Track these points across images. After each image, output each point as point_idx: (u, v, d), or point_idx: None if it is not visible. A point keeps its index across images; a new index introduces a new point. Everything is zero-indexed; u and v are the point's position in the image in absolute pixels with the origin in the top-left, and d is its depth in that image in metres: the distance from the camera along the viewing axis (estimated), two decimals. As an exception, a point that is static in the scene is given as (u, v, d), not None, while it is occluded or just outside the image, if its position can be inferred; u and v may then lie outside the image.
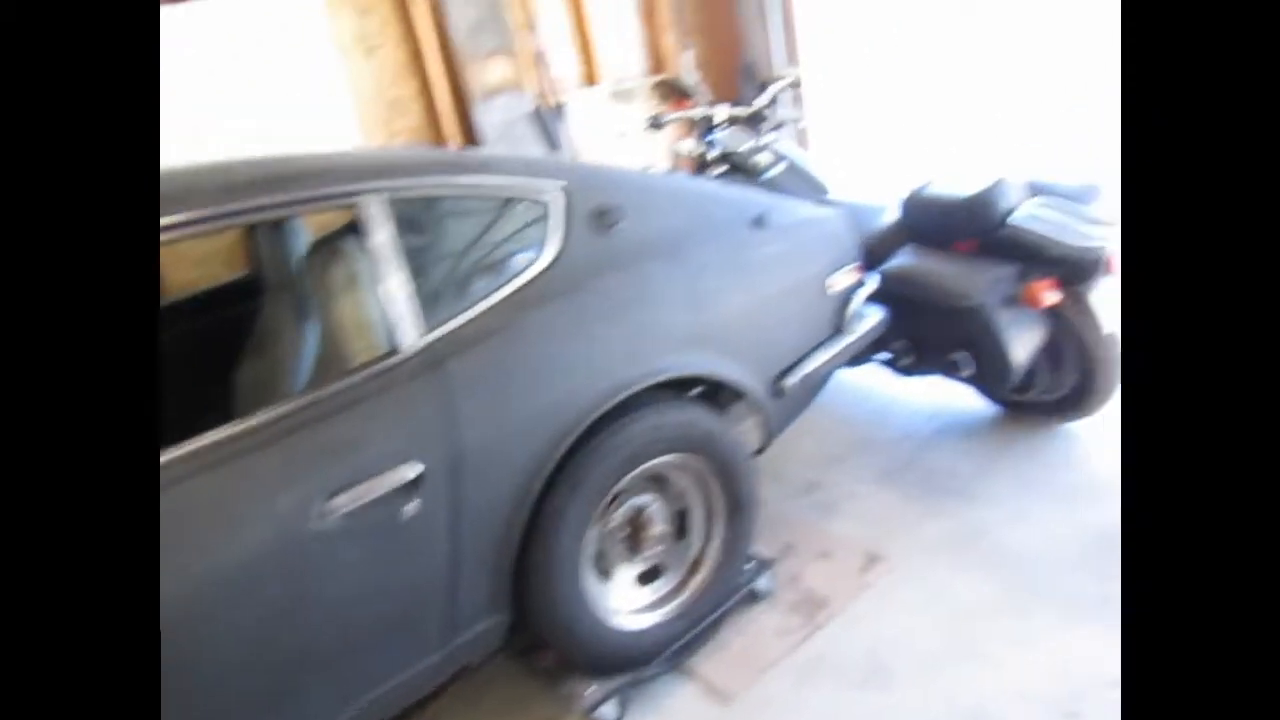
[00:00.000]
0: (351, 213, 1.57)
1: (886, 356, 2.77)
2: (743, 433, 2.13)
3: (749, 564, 2.16)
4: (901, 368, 2.73)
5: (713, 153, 3.07)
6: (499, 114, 3.60)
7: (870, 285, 2.37)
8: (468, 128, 3.58)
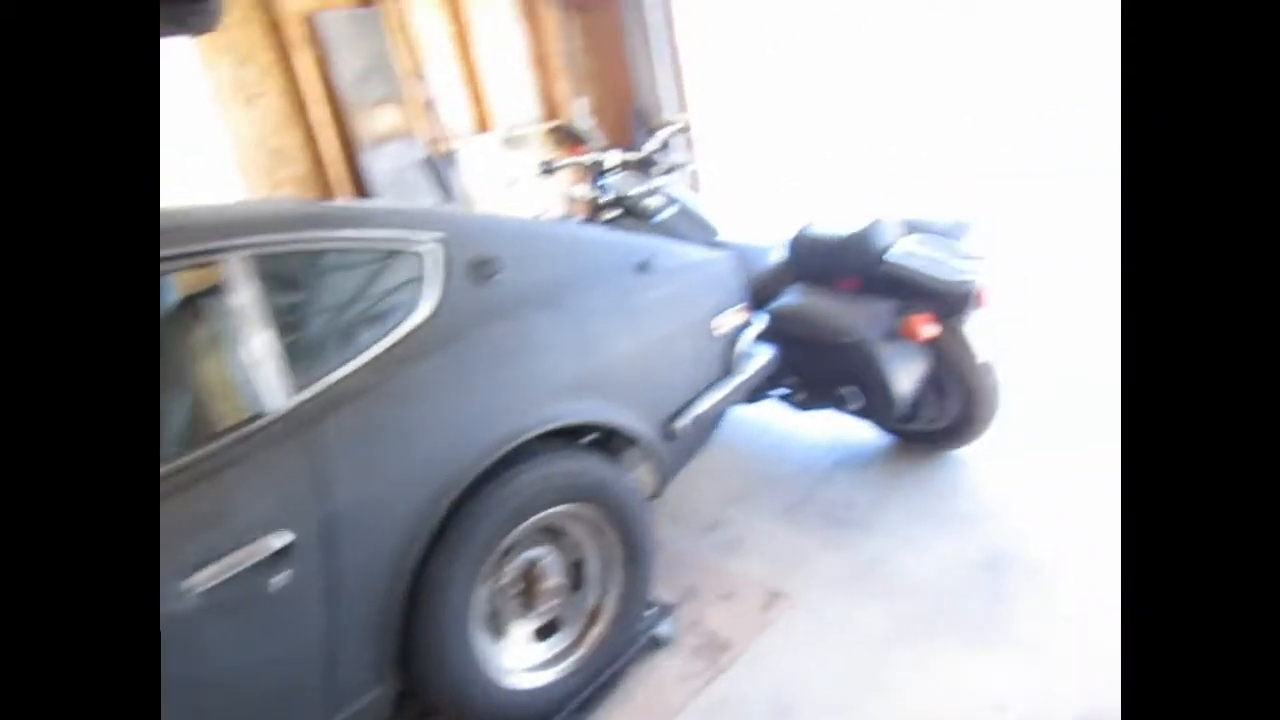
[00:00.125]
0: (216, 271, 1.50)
1: (783, 392, 2.82)
2: (637, 478, 2.12)
3: (649, 611, 2.13)
4: (796, 403, 2.79)
5: (605, 197, 3.10)
6: (389, 162, 3.55)
7: (758, 325, 2.41)
8: (356, 176, 3.51)
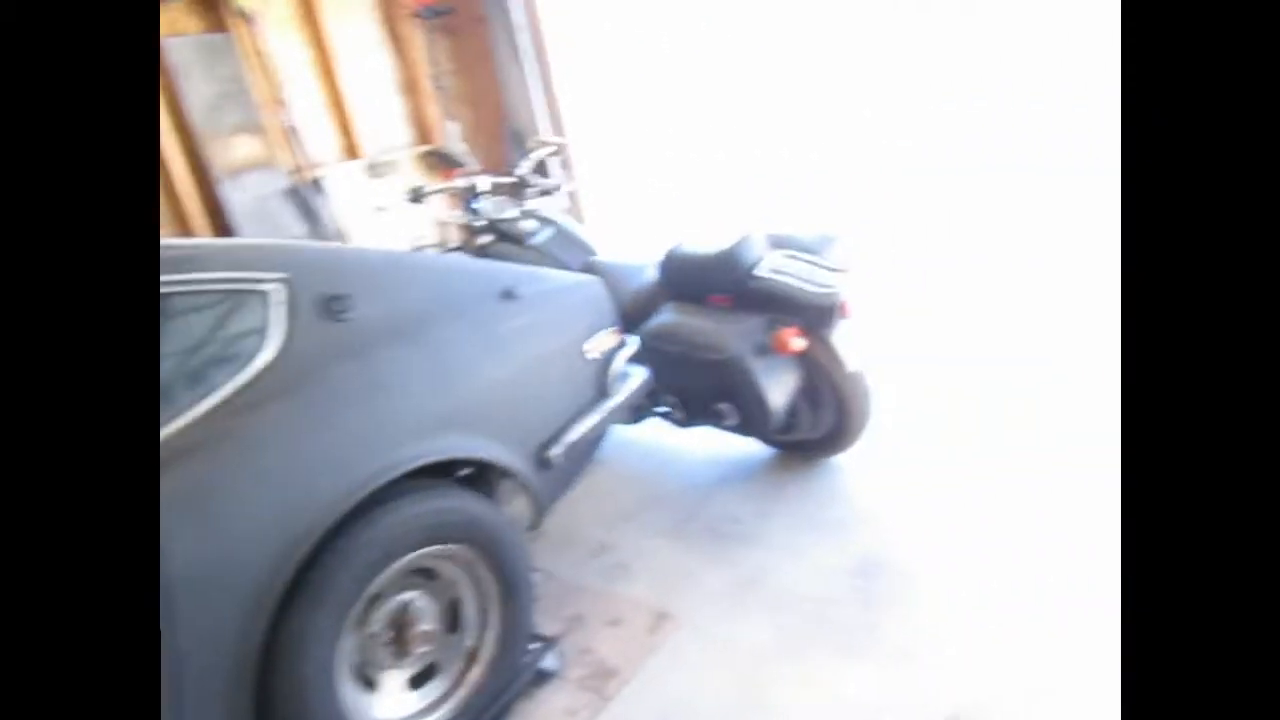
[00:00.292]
0: None
1: (665, 410, 2.83)
2: (513, 510, 2.08)
3: (532, 645, 2.08)
4: (677, 421, 2.80)
5: (478, 222, 3.05)
6: (250, 193, 3.39)
7: (631, 346, 2.41)
8: (214, 208, 3.34)
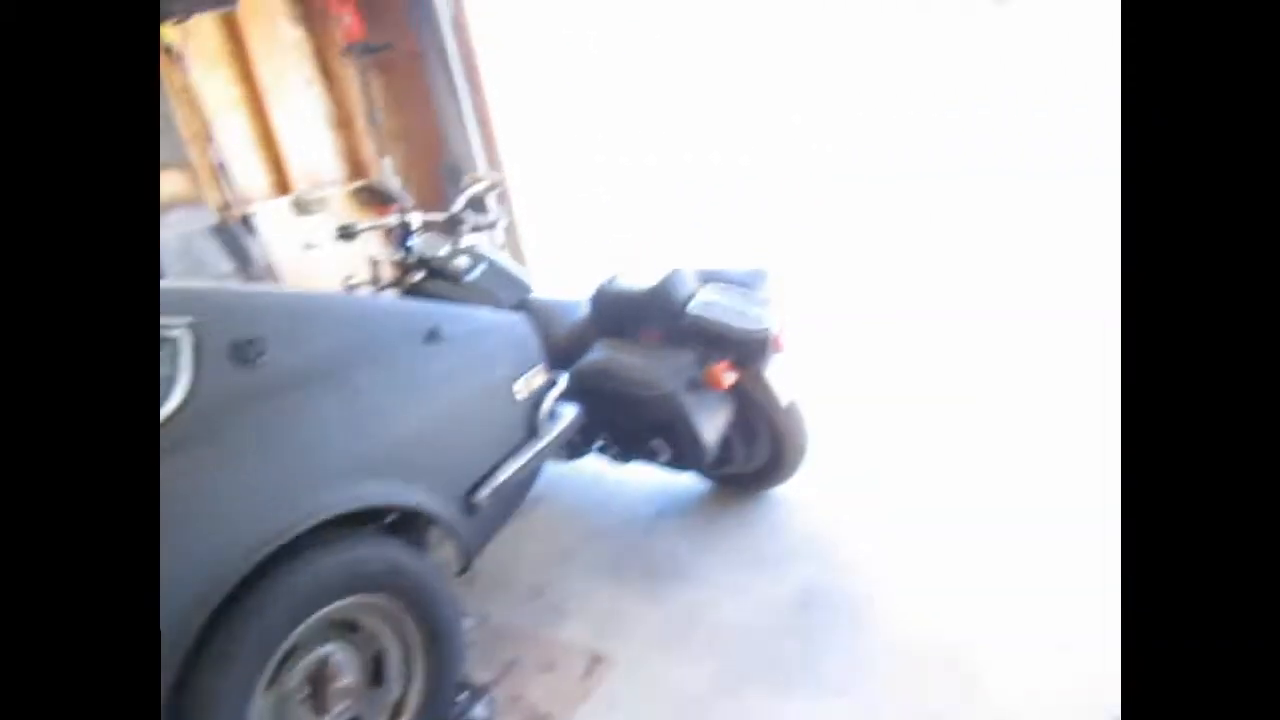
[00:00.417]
0: None
1: (601, 445, 2.80)
2: (441, 556, 2.03)
3: (461, 695, 2.02)
4: (613, 456, 2.78)
5: (409, 259, 3.01)
6: (175, 230, 3.30)
7: (561, 384, 2.38)
8: (136, 247, 3.24)
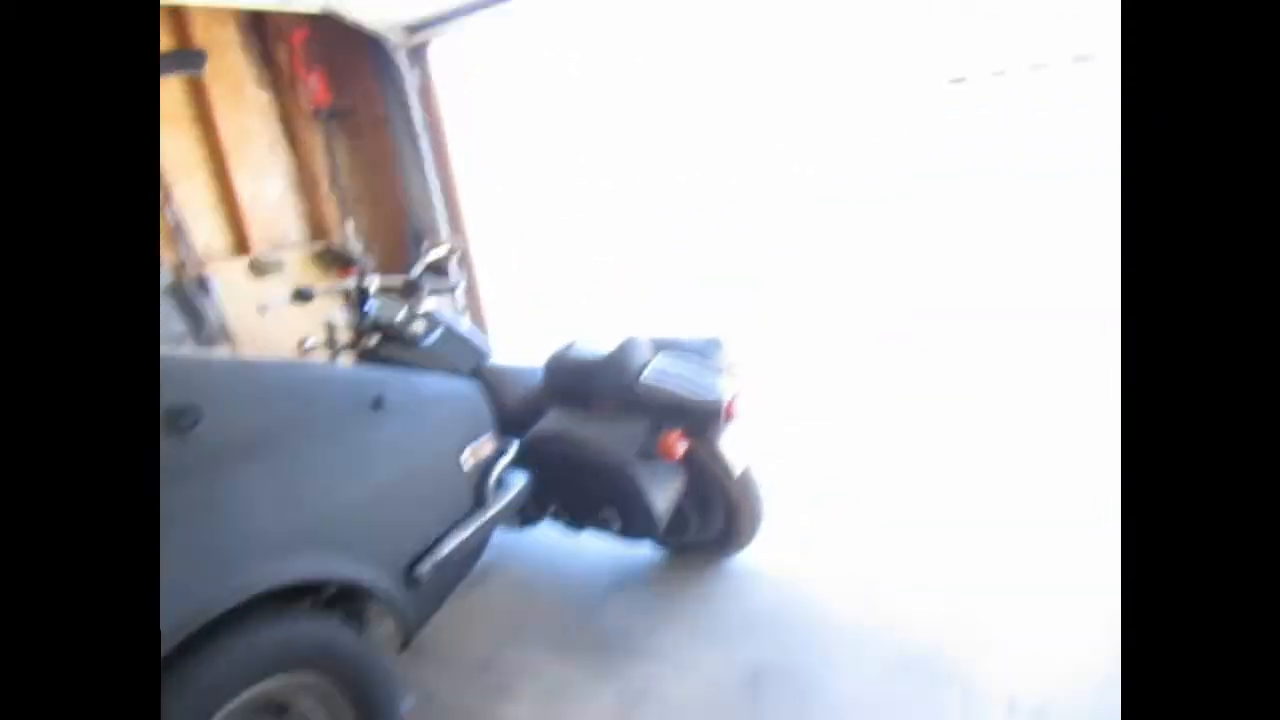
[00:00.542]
0: None
1: (553, 514, 2.76)
2: (381, 632, 1.96)
3: (398, 781, 1.92)
4: (566, 525, 2.73)
5: (365, 323, 2.99)
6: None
7: (511, 453, 2.35)
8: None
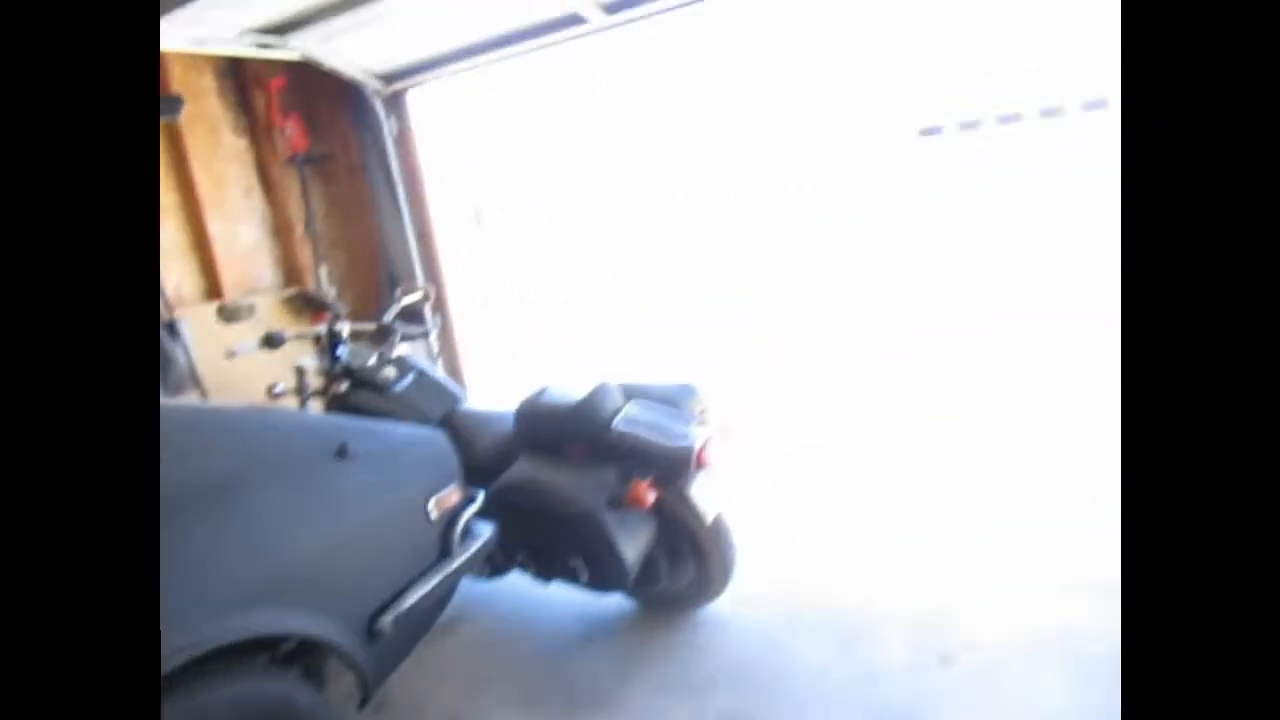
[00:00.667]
0: None
1: (521, 563, 2.72)
2: (343, 687, 1.91)
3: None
4: (535, 575, 2.69)
5: (335, 369, 2.98)
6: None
7: (478, 502, 2.32)
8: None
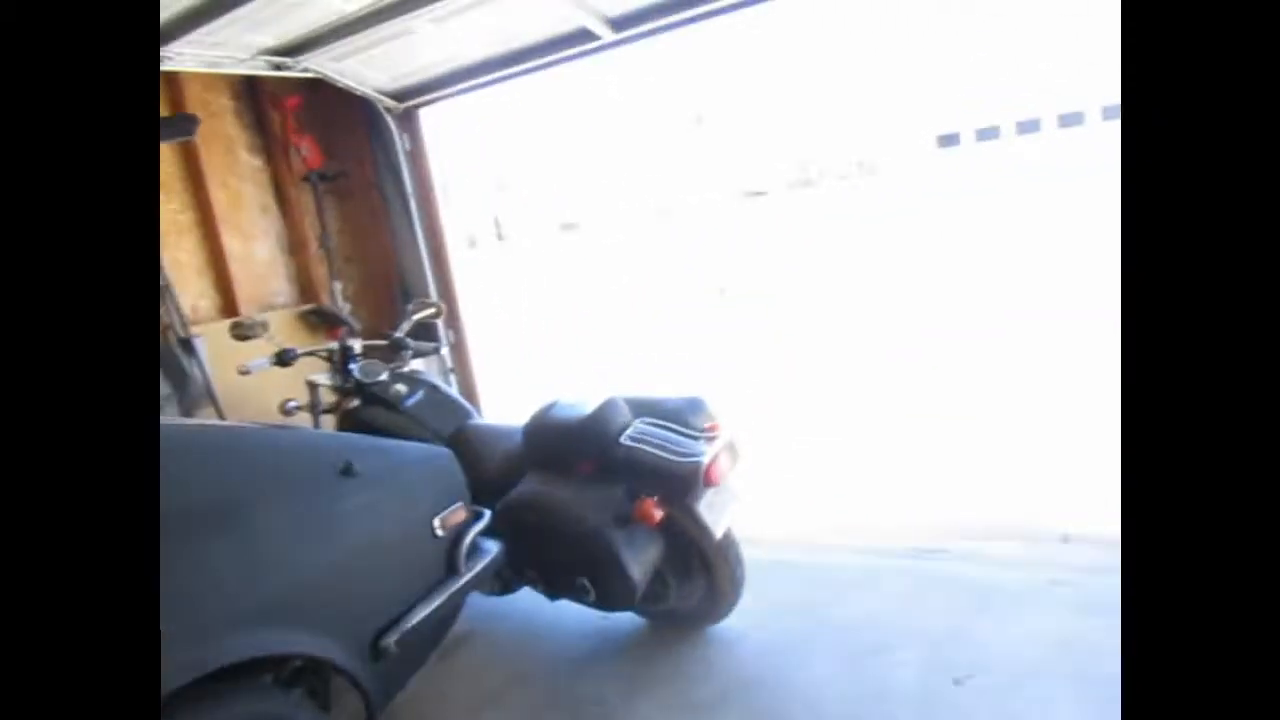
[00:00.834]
0: None
1: (530, 580, 2.71)
2: (347, 707, 1.91)
3: None
4: (543, 592, 2.68)
5: (347, 384, 3.00)
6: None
7: (485, 520, 2.31)
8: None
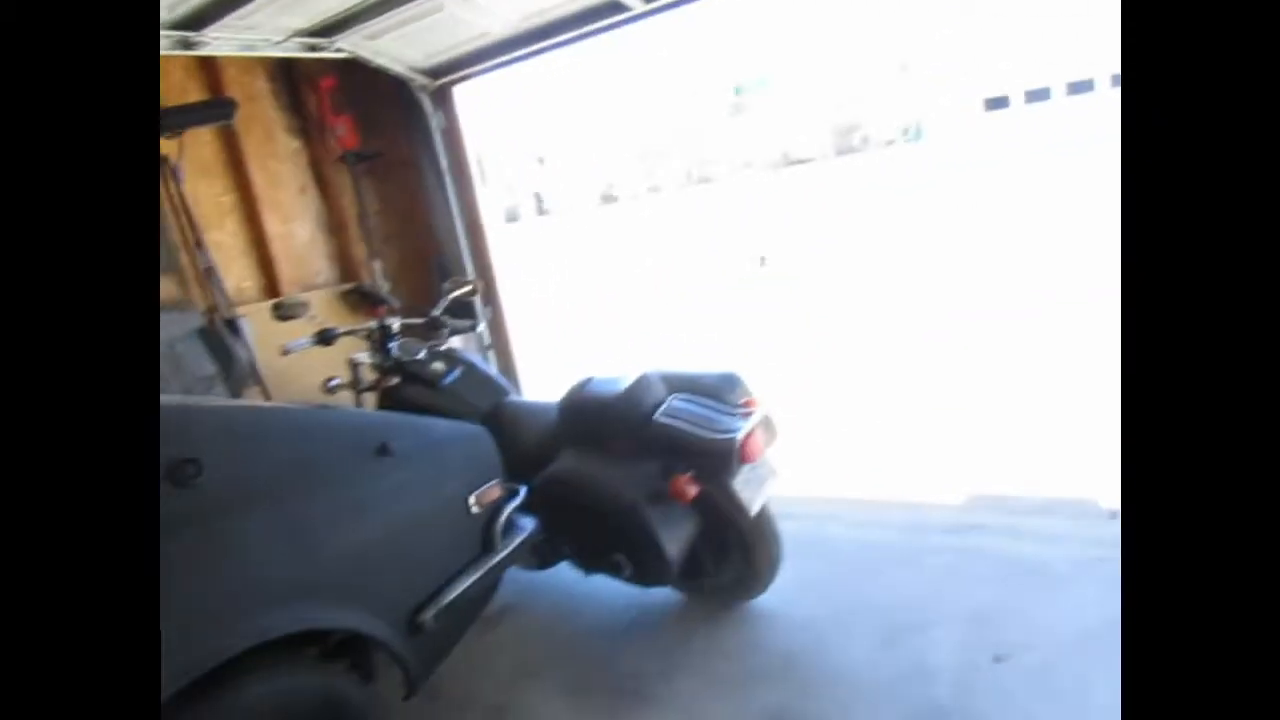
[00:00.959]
0: None
1: (568, 555, 2.73)
2: (389, 680, 1.96)
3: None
4: (580, 567, 2.70)
5: (386, 363, 3.03)
6: (162, 334, 3.35)
7: (521, 496, 2.34)
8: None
